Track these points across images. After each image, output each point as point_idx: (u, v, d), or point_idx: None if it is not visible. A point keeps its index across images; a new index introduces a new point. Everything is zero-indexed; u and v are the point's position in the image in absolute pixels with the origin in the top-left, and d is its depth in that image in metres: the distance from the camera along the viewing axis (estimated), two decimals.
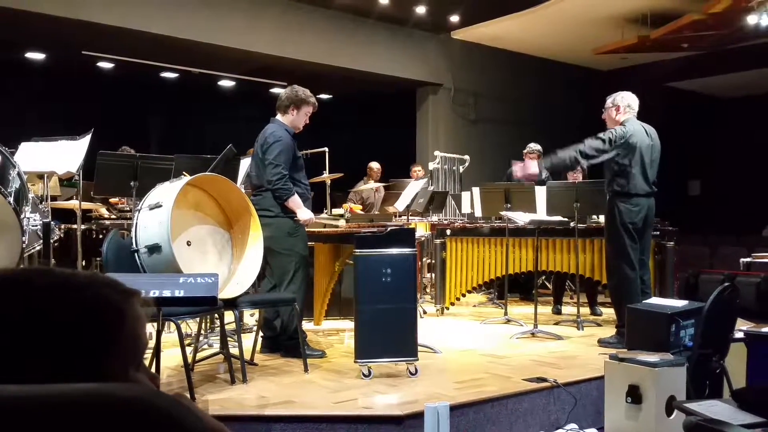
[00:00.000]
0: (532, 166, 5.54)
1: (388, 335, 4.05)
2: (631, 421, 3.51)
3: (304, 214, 4.64)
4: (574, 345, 5.28)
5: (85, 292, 0.86)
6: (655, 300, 4.49)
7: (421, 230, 7.23)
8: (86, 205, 5.93)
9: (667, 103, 12.45)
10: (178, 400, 0.79)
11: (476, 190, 7.29)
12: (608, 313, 6.80)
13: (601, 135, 5.14)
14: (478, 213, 7.15)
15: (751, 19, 8.92)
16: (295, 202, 4.60)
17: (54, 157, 4.67)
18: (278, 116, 4.84)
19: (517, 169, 5.59)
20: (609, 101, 5.36)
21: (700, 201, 13.61)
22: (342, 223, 5.30)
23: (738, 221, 11.87)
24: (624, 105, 5.26)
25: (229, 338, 4.43)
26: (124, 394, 0.75)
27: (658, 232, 5.90)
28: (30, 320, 0.82)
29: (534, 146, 7.71)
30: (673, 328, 3.94)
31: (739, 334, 3.91)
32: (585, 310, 6.79)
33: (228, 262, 4.35)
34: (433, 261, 7.34)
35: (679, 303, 4.22)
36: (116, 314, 0.87)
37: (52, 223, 4.40)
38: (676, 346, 3.92)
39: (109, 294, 0.88)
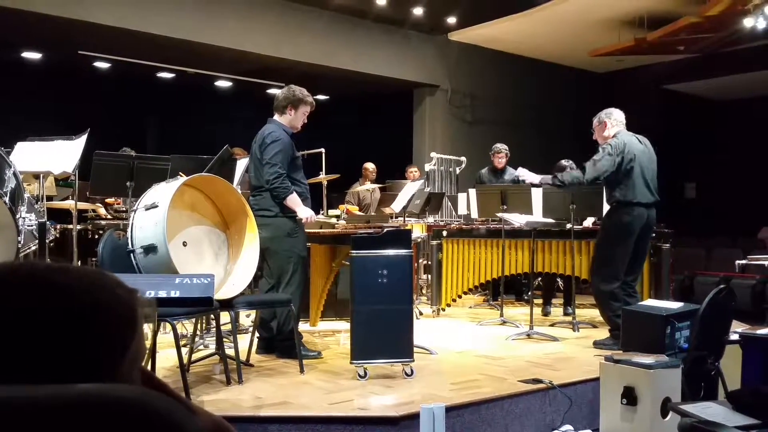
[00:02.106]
0: (530, 178, 5.57)
1: (384, 336, 4.05)
2: (626, 423, 3.52)
3: (303, 212, 4.63)
4: (569, 346, 5.28)
5: (100, 294, 0.86)
6: (650, 302, 4.50)
7: (418, 231, 7.24)
8: (82, 205, 5.92)
9: (663, 106, 12.49)
10: (175, 401, 0.79)
11: (472, 192, 7.30)
12: (592, 315, 6.81)
13: (596, 157, 5.15)
14: (475, 214, 7.16)
15: (747, 22, 8.95)
16: (294, 201, 4.58)
17: (50, 157, 4.66)
18: (276, 116, 4.82)
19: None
20: (595, 121, 5.41)
21: (696, 203, 13.64)
22: (341, 222, 5.31)
23: (734, 224, 11.90)
24: (611, 120, 5.29)
25: (224, 339, 4.43)
26: (122, 394, 0.75)
27: (653, 234, 5.91)
28: (38, 322, 0.82)
29: (501, 146, 7.80)
30: (668, 329, 3.95)
31: (734, 336, 3.91)
32: (580, 312, 6.79)
33: (224, 262, 4.35)
34: (430, 262, 7.34)
35: (675, 305, 4.24)
36: (131, 316, 0.87)
37: (47, 223, 4.39)
38: (671, 347, 3.93)
39: (123, 295, 0.88)
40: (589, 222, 6.42)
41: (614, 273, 5.17)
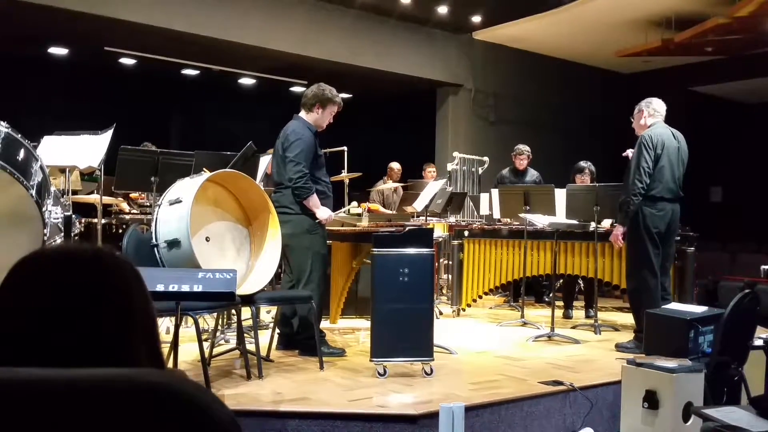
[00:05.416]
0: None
1: (404, 335, 4.05)
2: (647, 427, 3.49)
3: (322, 213, 4.64)
4: (591, 349, 5.25)
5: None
6: (674, 306, 4.45)
7: (439, 231, 7.22)
8: (107, 199, 5.99)
9: (689, 108, 12.33)
10: (203, 386, 0.81)
11: (495, 192, 7.27)
12: (614, 318, 6.76)
13: (634, 163, 5.07)
14: (497, 215, 7.13)
15: None
16: (314, 202, 4.59)
17: (76, 152, 4.71)
18: (302, 113, 4.82)
19: None
20: (636, 109, 5.36)
21: (722, 207, 13.45)
22: (364, 222, 5.31)
23: (759, 228, 11.73)
24: (648, 109, 5.24)
25: (245, 334, 4.45)
26: (154, 379, 0.78)
27: (678, 238, 5.83)
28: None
29: (523, 148, 7.76)
30: (691, 334, 3.91)
31: (758, 342, 3.86)
32: (602, 315, 6.73)
33: (246, 258, 4.37)
34: (451, 262, 7.33)
35: (699, 309, 4.19)
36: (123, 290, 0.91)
37: (73, 216, 4.44)
38: (694, 352, 3.89)
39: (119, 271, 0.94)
40: (606, 223, 6.33)
41: (651, 268, 5.06)
